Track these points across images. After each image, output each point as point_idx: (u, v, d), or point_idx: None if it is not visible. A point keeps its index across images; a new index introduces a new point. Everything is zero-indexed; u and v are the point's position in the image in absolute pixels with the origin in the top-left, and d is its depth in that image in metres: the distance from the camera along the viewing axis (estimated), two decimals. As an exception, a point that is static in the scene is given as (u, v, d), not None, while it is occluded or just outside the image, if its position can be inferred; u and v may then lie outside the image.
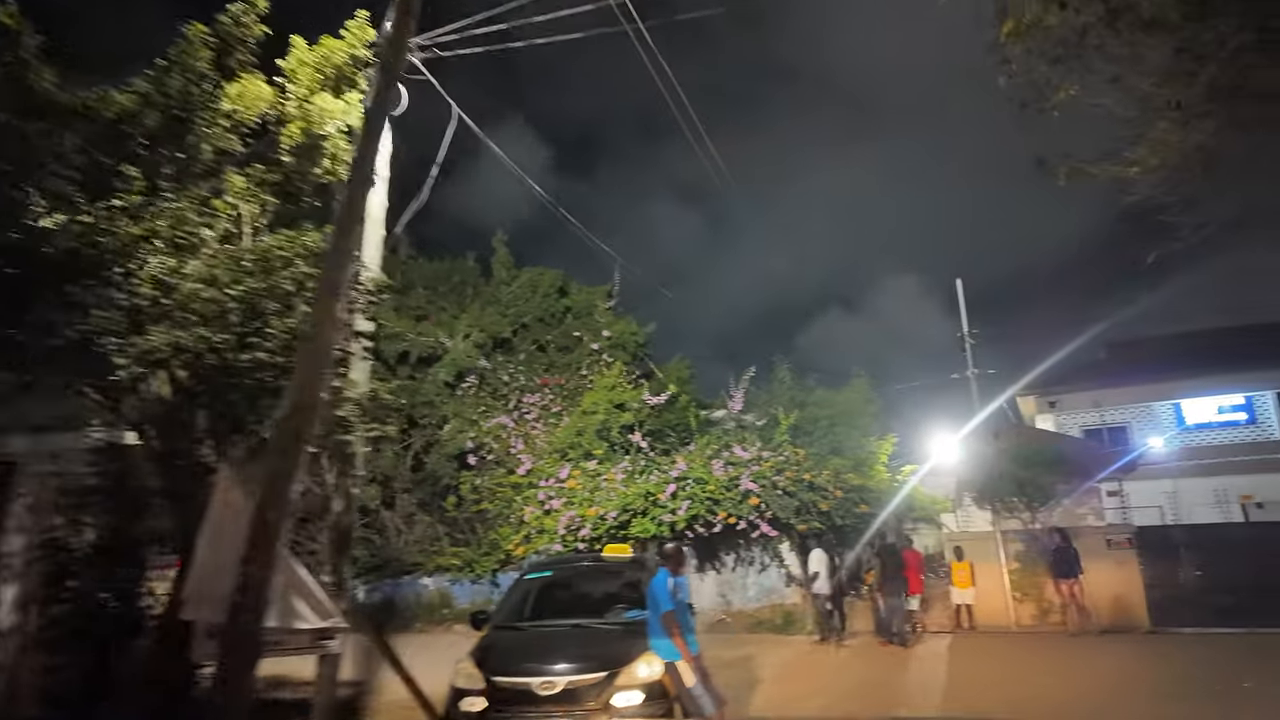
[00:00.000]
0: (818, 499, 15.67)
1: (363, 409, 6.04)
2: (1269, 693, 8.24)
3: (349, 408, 5.92)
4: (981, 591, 14.48)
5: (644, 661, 5.40)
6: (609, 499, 16.05)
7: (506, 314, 23.39)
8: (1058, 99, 7.49)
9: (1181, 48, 7.06)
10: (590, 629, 5.85)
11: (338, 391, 6.03)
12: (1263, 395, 24.81)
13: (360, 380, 6.14)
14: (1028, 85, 7.70)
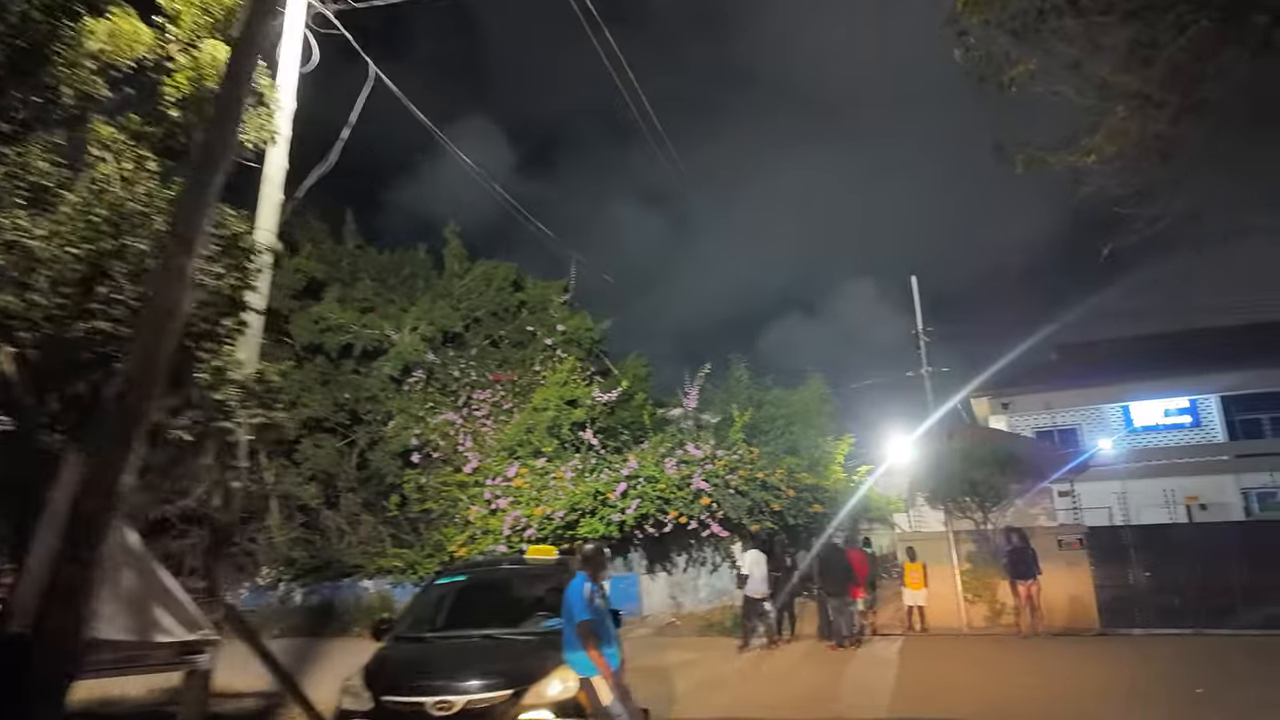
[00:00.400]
0: (771, 498, 15.23)
1: (248, 392, 5.30)
2: (1221, 698, 7.95)
3: (230, 390, 5.17)
4: (933, 593, 14.16)
5: (556, 678, 4.77)
6: (557, 498, 15.40)
7: (459, 308, 22.56)
8: (1015, 73, 7.09)
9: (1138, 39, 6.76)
10: (502, 641, 5.21)
11: (219, 372, 5.28)
12: (1206, 399, 25.14)
13: (246, 360, 5.38)
14: (985, 59, 7.28)
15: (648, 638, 14.76)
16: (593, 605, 4.93)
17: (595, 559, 5.19)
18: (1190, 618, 13.10)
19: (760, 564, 12.97)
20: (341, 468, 21.20)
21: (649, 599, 15.92)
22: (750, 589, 12.86)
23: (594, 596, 4.99)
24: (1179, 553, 13.34)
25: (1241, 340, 25.83)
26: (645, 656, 11.92)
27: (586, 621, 4.83)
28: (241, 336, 5.52)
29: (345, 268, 23.17)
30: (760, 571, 12.86)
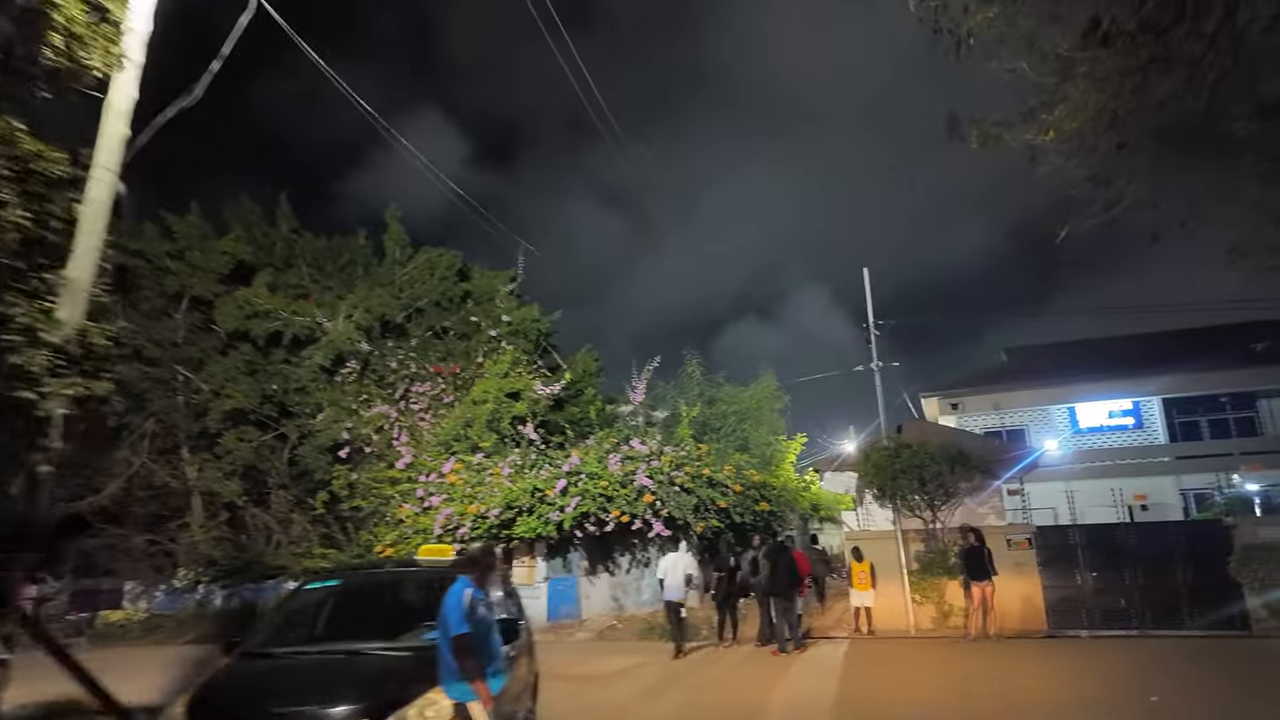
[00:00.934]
0: (717, 495, 14.53)
1: (66, 357, 4.30)
2: (1176, 707, 7.45)
3: (38, 353, 4.18)
4: (881, 594, 13.61)
5: (424, 703, 3.90)
6: (493, 495, 14.46)
7: (399, 297, 21.40)
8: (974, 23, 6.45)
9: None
10: (368, 658, 4.32)
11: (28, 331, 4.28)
12: (1149, 401, 25.35)
13: (68, 319, 4.38)
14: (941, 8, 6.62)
15: (586, 643, 13.91)
16: (474, 616, 4.07)
17: (481, 560, 4.34)
18: (1136, 619, 12.80)
19: (679, 568, 12.19)
20: (273, 463, 19.91)
21: (589, 601, 15.07)
22: (668, 593, 12.04)
23: (477, 606, 4.13)
24: (1125, 553, 13.01)
25: (1180, 344, 26.20)
26: (576, 663, 11.09)
27: (464, 636, 3.98)
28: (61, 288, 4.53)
29: (279, 252, 21.82)
30: (678, 576, 12.08)
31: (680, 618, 12.01)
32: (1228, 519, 12.97)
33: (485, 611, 4.20)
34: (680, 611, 12.02)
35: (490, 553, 4.43)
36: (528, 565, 15.13)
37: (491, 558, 4.41)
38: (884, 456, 13.34)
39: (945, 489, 12.92)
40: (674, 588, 12.07)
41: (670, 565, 12.25)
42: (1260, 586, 11.84)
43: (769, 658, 11.12)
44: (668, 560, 12.42)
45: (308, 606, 5.10)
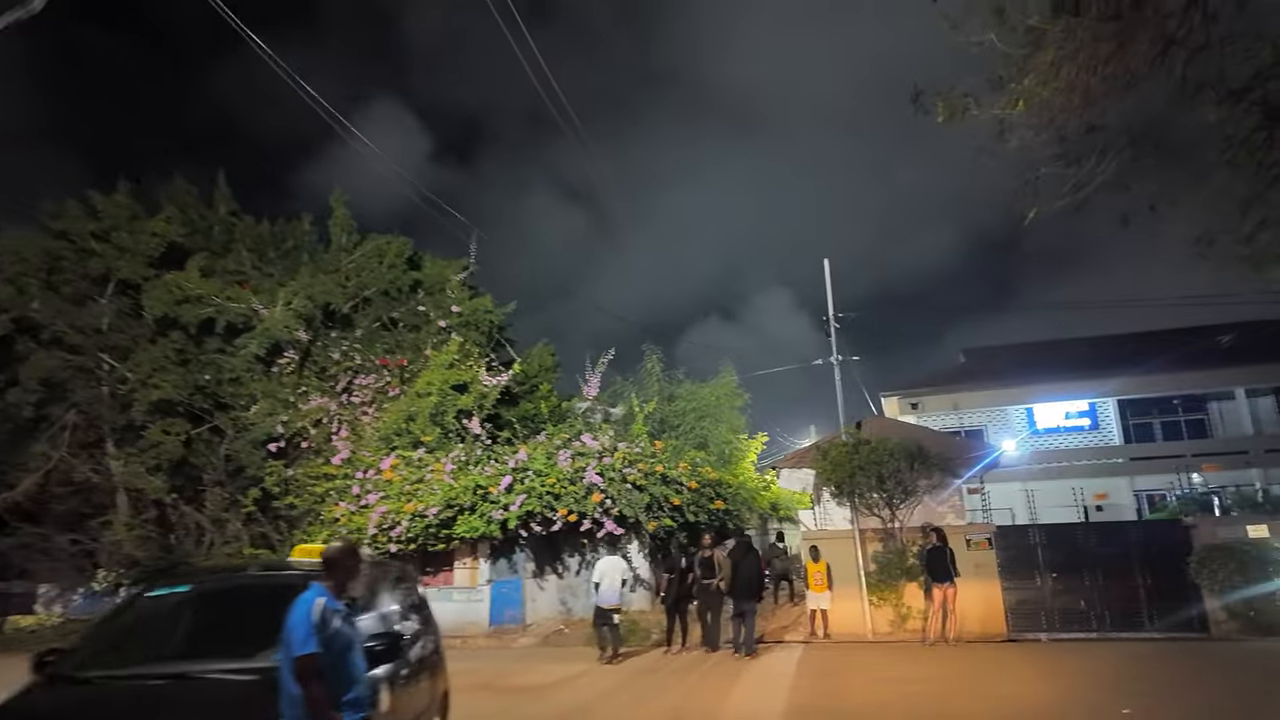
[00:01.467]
0: (671, 493, 13.78)
1: None
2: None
3: None
4: (837, 596, 13.00)
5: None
6: (432, 493, 13.51)
7: (346, 285, 20.24)
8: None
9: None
10: (202, 684, 3.46)
11: None
12: (1104, 402, 25.36)
13: None
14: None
15: (528, 649, 13.06)
16: (326, 632, 3.24)
17: (342, 563, 3.49)
18: (1096, 622, 12.39)
19: (614, 572, 11.48)
20: (208, 459, 18.63)
21: (535, 605, 14.21)
22: (602, 599, 11.27)
23: (330, 619, 3.29)
24: (1085, 554, 12.61)
25: (1135, 347, 26.34)
26: (512, 673, 10.27)
27: (309, 658, 3.14)
28: None
29: (217, 236, 20.53)
30: (614, 580, 11.37)
31: (613, 624, 11.22)
32: (1188, 519, 12.64)
33: (343, 626, 3.36)
34: (613, 618, 11.22)
35: (352, 553, 3.59)
36: (470, 567, 14.21)
37: (354, 559, 3.57)
38: (842, 453, 12.74)
39: (904, 487, 12.36)
40: (609, 593, 11.30)
41: (605, 569, 11.51)
42: (1220, 588, 11.50)
43: (717, 665, 10.40)
44: (603, 564, 11.68)
45: (147, 617, 4.19)
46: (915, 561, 12.55)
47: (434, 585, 14.41)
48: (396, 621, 4.71)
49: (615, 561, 11.80)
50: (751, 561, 11.82)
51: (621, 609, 11.64)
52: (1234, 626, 11.57)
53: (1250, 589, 11.25)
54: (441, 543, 13.63)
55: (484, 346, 19.08)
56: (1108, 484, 23.82)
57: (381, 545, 13.49)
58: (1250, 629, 11.37)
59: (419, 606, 5.54)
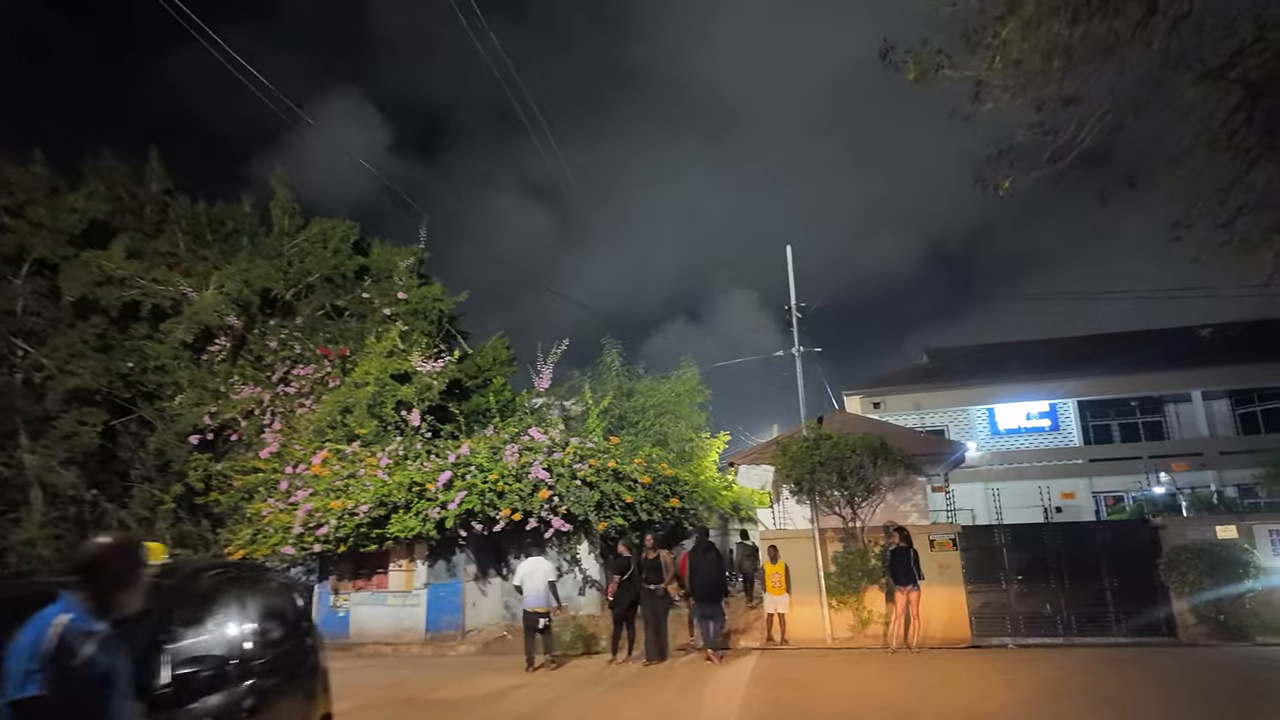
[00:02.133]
0: (623, 490, 12.86)
1: None
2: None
3: None
4: (796, 598, 12.22)
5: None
6: (365, 489, 12.39)
7: (288, 271, 18.96)
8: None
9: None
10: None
11: None
12: (1065, 403, 25.12)
13: None
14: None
15: (465, 658, 12.03)
16: (69, 664, 2.26)
17: (106, 568, 2.52)
18: (1062, 626, 11.79)
19: (538, 573, 10.64)
20: (137, 453, 17.20)
21: (476, 610, 13.18)
22: (527, 601, 10.47)
23: (78, 646, 2.31)
24: (1051, 555, 12.02)
25: (1094, 349, 26.21)
26: (439, 685, 9.27)
27: (28, 703, 2.17)
28: None
29: (149, 216, 19.08)
30: (538, 582, 10.54)
31: (542, 629, 10.38)
32: (1156, 519, 12.12)
33: (99, 654, 2.37)
34: (540, 623, 10.38)
35: (122, 553, 2.59)
36: (406, 569, 13.12)
37: (124, 561, 2.57)
38: (802, 448, 11.96)
39: (867, 484, 11.62)
40: (534, 595, 10.45)
41: (529, 571, 10.67)
42: (1189, 590, 10.95)
43: (664, 676, 9.49)
44: (526, 565, 10.85)
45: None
46: (877, 563, 11.83)
47: (367, 589, 13.31)
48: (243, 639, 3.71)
49: (538, 562, 10.93)
50: (711, 561, 11.00)
51: (551, 611, 10.73)
52: (1202, 631, 11.03)
53: (1220, 592, 10.72)
54: (374, 543, 12.53)
55: (433, 337, 17.95)
56: (1068, 485, 23.55)
57: (307, 545, 12.34)
58: (1219, 633, 10.84)
59: (286, 617, 4.52)
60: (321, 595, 13.44)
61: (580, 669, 10.43)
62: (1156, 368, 23.67)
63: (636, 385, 21.32)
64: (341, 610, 13.26)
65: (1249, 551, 10.87)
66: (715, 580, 10.97)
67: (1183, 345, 24.37)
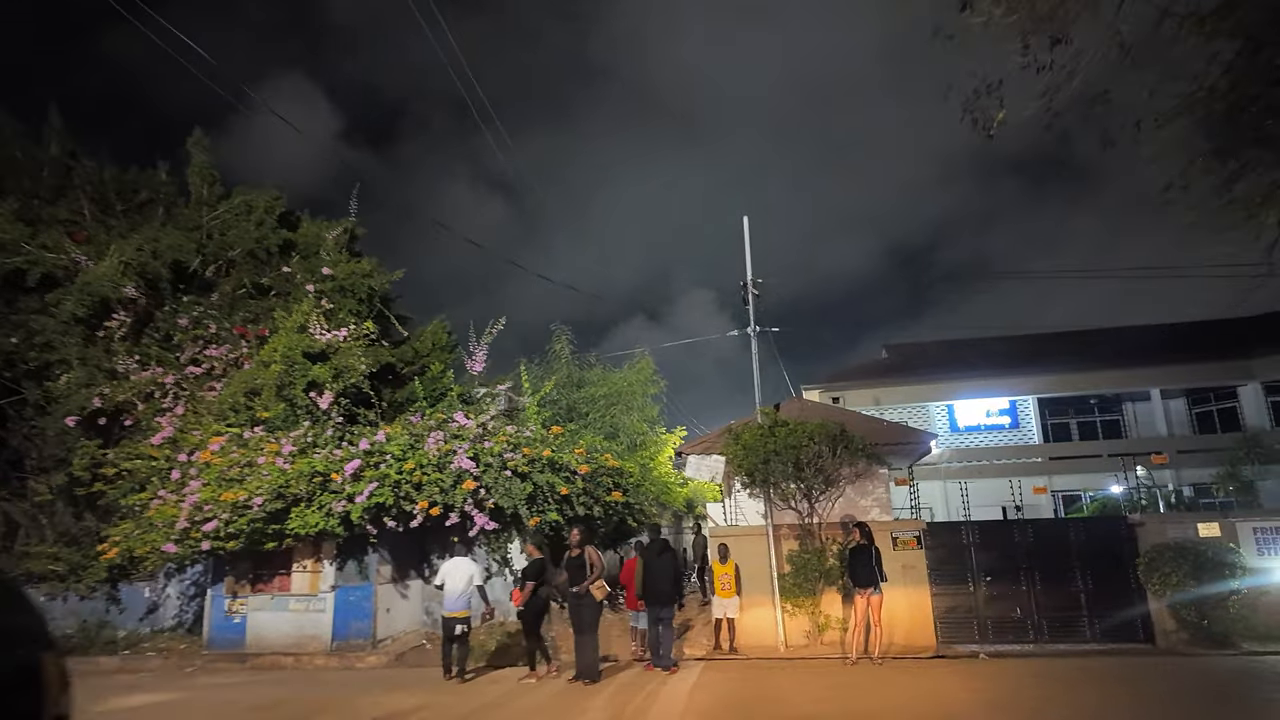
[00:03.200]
0: (559, 482, 11.37)
1: None
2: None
3: None
4: (748, 602, 10.91)
5: None
6: (262, 479, 10.70)
7: (207, 244, 17.05)
8: None
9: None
10: None
11: None
12: (1025, 400, 24.37)
13: None
14: None
15: (373, 670, 10.42)
16: None
17: None
18: (1033, 631, 10.67)
19: (459, 573, 9.38)
20: (33, 442, 15.15)
21: (391, 616, 11.56)
22: (445, 604, 9.32)
23: None
24: (1022, 555, 10.90)
25: (1054, 346, 25.58)
26: (323, 707, 7.66)
27: None
28: None
29: (47, 180, 16.98)
30: (458, 583, 9.32)
31: (460, 635, 9.18)
32: (1134, 515, 11.08)
33: None
34: (457, 629, 9.17)
35: None
36: (311, 570, 11.44)
37: None
38: (756, 436, 10.64)
39: (825, 475, 10.35)
40: (453, 598, 9.22)
41: (450, 571, 9.39)
42: (1171, 593, 9.90)
43: (585, 696, 8.03)
44: (447, 564, 9.56)
45: None
46: (835, 563, 10.58)
47: (267, 592, 11.60)
48: None
49: (462, 562, 9.59)
50: (667, 563, 9.66)
51: (474, 617, 9.51)
52: (1183, 637, 9.99)
53: (1203, 595, 9.68)
54: (273, 540, 10.84)
55: (362, 317, 16.22)
56: (1029, 484, 22.73)
57: (194, 542, 10.59)
58: (1202, 640, 9.80)
59: None
60: (216, 599, 11.69)
61: (497, 684, 8.92)
62: (1117, 364, 23.04)
63: (587, 375, 19.87)
64: (237, 616, 11.52)
65: (1234, 551, 9.85)
66: (671, 584, 9.69)
67: (1143, 343, 23.83)
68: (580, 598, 8.46)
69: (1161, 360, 22.92)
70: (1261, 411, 22.24)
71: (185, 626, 12.88)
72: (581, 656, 8.49)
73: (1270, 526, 10.19)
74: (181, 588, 13.22)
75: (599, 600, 8.52)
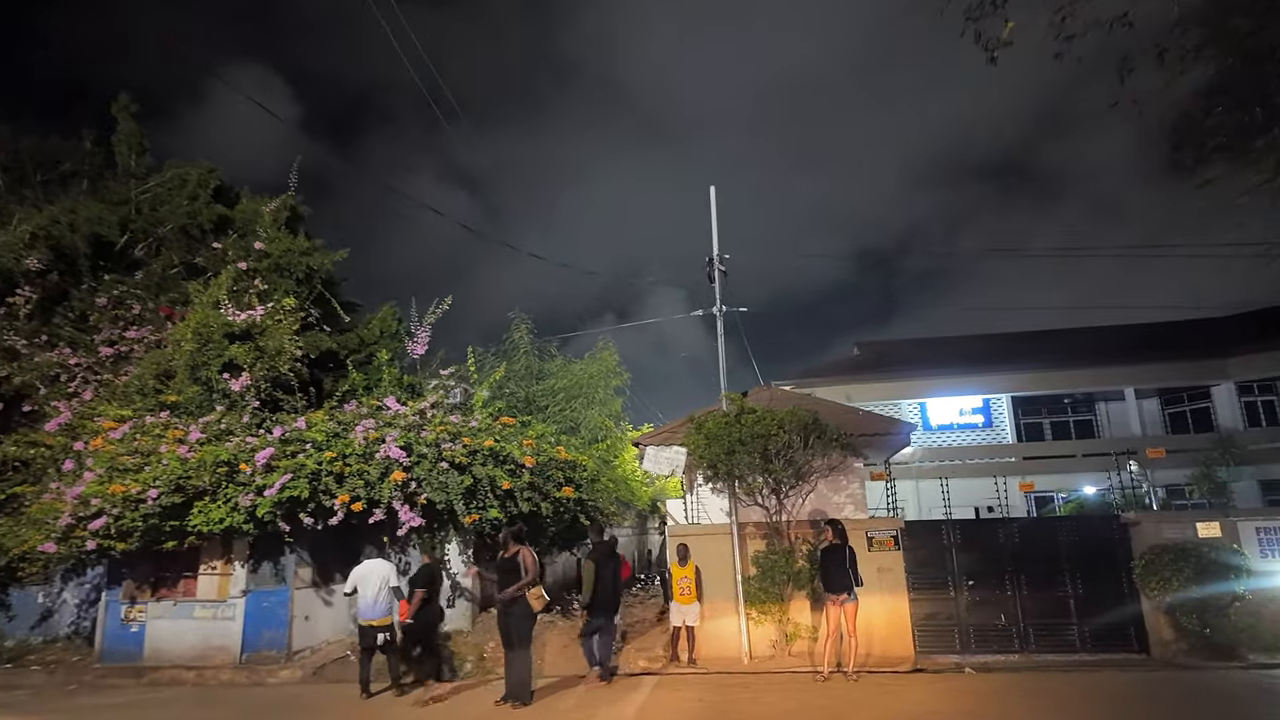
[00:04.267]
0: (501, 475, 10.06)
1: None
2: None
3: None
4: (709, 608, 9.73)
5: None
6: (163, 468, 9.26)
7: (135, 220, 15.50)
8: None
9: None
10: None
11: None
12: (998, 399, 23.58)
13: None
14: None
15: (284, 687, 9.03)
16: None
17: None
18: (1019, 641, 9.63)
19: (373, 578, 8.28)
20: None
21: (311, 624, 10.18)
22: (361, 613, 8.23)
23: None
24: (1006, 556, 9.87)
25: (1027, 345, 24.89)
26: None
27: None
28: None
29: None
30: (372, 588, 8.21)
31: (381, 645, 8.08)
32: (1128, 514, 10.09)
33: None
34: (378, 638, 8.06)
35: None
36: (220, 573, 10.01)
37: None
38: (720, 424, 9.46)
39: (796, 468, 9.20)
40: (367, 605, 8.13)
41: (363, 575, 8.20)
42: (1170, 599, 8.90)
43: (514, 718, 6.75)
44: (360, 568, 8.36)
45: None
46: (805, 564, 9.43)
47: (170, 597, 10.15)
48: None
49: (375, 565, 8.38)
50: (614, 569, 8.54)
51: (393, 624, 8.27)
52: (1182, 647, 9.00)
53: (1206, 601, 8.69)
54: (173, 539, 9.40)
55: (301, 299, 14.77)
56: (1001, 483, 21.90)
57: (79, 542, 9.11)
58: (1202, 650, 8.81)
59: None
60: (111, 606, 10.21)
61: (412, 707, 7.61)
62: (1092, 363, 22.35)
63: (547, 366, 18.56)
64: (135, 625, 10.05)
65: (1239, 553, 8.88)
66: (614, 590, 8.61)
67: (1117, 341, 23.18)
68: (509, 605, 7.18)
69: (1136, 359, 22.27)
70: (1235, 412, 21.66)
71: (83, 635, 11.32)
72: (511, 674, 7.21)
73: (1275, 526, 9.26)
74: (81, 592, 11.65)
75: (535, 610, 7.25)
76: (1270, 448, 20.72)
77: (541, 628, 11.40)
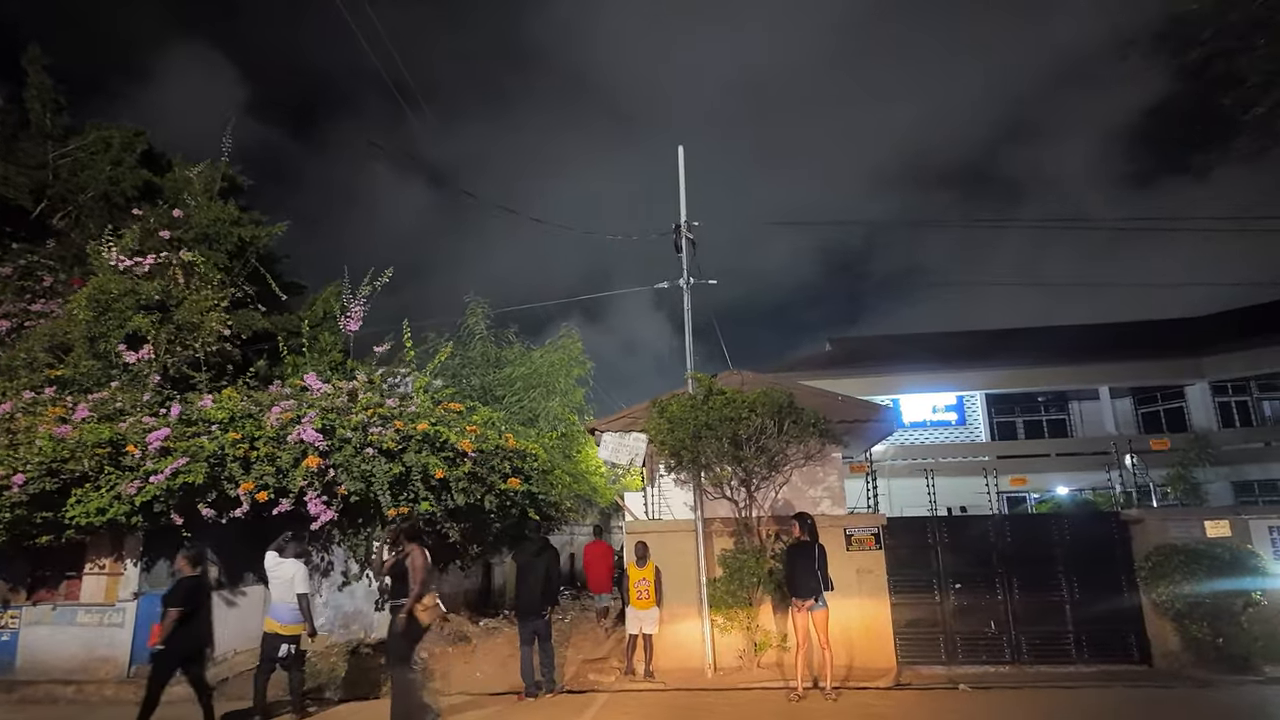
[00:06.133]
0: (435, 463, 8.73)
1: None
2: None
3: None
4: (670, 614, 8.55)
5: None
6: (33, 449, 7.80)
7: (52, 185, 13.91)
8: None
9: None
10: None
11: None
12: (972, 398, 22.79)
13: None
14: None
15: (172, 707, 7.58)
16: None
17: None
18: (1010, 651, 8.59)
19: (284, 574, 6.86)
20: None
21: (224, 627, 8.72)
22: (272, 613, 6.83)
23: None
24: (996, 556, 8.84)
25: (1001, 342, 24.21)
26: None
27: None
28: None
29: None
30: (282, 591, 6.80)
31: (286, 657, 6.67)
32: (1129, 511, 9.12)
33: None
34: (283, 649, 6.65)
35: None
36: (109, 573, 8.56)
37: None
38: (685, 406, 8.28)
39: (770, 456, 8.05)
40: (282, 608, 6.73)
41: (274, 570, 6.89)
42: (1179, 604, 7.93)
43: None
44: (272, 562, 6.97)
45: None
46: (777, 564, 8.29)
47: (49, 600, 8.67)
48: None
49: (289, 564, 6.85)
50: (542, 565, 7.31)
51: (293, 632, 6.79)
52: (1189, 658, 8.02)
53: (1219, 607, 7.72)
54: (47, 532, 7.94)
55: (233, 274, 13.28)
56: (974, 482, 21.10)
57: (-73, 537, 7.62)
58: (1212, 661, 7.84)
59: None
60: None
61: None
62: (1067, 360, 21.66)
63: (505, 354, 17.24)
64: (6, 632, 8.55)
65: (1255, 555, 7.94)
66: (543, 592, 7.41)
67: (1092, 340, 22.56)
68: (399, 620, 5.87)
69: (1111, 357, 21.65)
70: (1209, 412, 21.13)
71: (-44, 645, 9.76)
72: (397, 702, 5.86)
73: (1290, 524, 8.36)
74: (-44, 595, 10.07)
75: (423, 623, 5.93)
76: (1243, 448, 20.21)
77: (483, 636, 10.12)
